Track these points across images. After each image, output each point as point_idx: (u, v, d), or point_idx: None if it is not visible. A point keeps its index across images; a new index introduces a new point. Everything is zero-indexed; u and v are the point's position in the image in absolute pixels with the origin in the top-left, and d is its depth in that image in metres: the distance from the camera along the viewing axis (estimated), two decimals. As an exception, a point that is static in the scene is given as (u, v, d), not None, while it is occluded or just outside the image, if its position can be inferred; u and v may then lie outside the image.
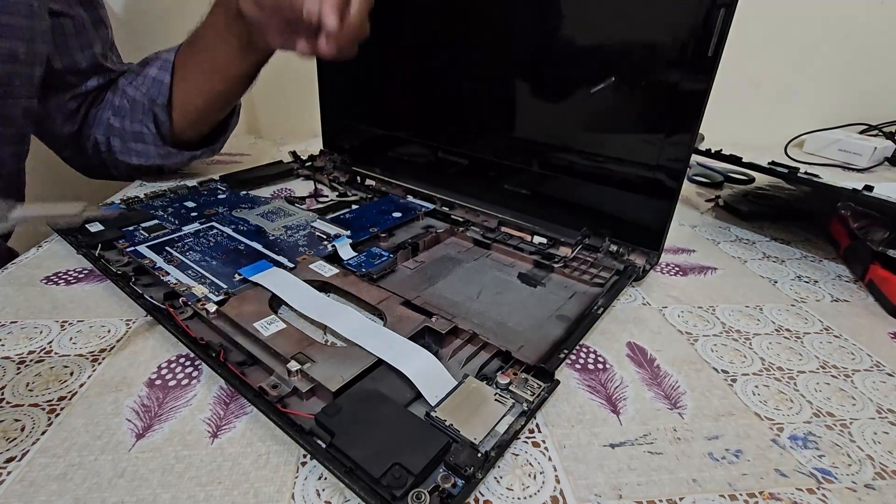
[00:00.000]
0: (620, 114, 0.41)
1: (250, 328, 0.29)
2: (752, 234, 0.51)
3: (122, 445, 0.23)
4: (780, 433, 0.26)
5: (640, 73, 0.38)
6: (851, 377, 0.30)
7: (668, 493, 0.22)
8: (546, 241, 0.43)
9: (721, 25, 0.33)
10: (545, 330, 0.32)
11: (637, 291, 0.38)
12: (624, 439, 0.25)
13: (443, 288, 0.36)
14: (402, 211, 0.48)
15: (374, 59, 0.55)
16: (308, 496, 0.21)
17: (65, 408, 0.25)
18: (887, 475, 0.23)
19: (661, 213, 0.39)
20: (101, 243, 0.38)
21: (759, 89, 0.91)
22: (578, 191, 0.44)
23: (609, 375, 0.29)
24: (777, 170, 0.49)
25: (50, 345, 0.30)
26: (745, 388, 0.29)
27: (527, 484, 0.22)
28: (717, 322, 0.35)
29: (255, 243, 0.40)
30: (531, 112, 0.46)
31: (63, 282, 0.36)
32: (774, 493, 0.22)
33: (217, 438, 0.24)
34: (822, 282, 0.42)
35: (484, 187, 0.49)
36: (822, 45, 0.89)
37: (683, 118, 0.36)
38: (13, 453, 0.22)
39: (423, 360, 0.27)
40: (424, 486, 0.20)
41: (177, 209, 0.46)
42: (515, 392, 0.26)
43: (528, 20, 0.42)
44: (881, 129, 0.85)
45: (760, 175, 0.62)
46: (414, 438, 0.22)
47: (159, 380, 0.27)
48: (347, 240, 0.40)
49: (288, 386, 0.25)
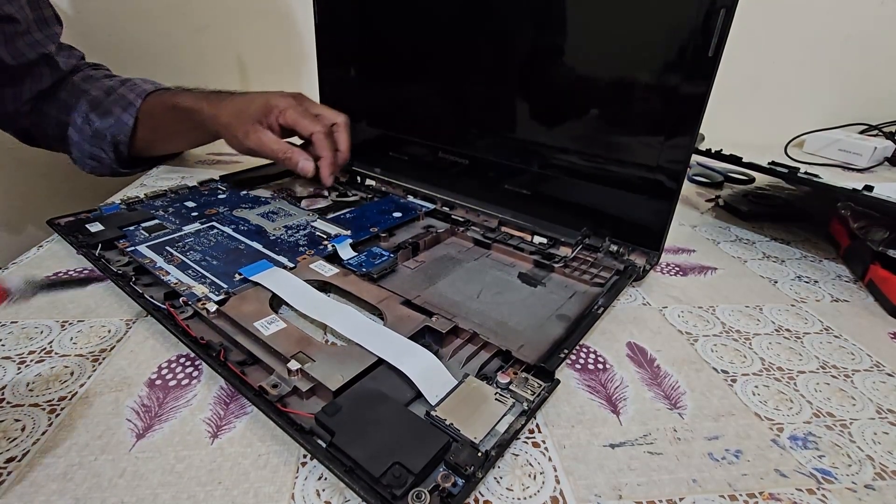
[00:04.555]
0: (621, 114, 0.41)
1: (251, 328, 0.29)
2: (752, 234, 0.51)
3: (122, 445, 0.23)
4: (780, 433, 0.26)
5: (640, 73, 0.38)
6: (851, 377, 0.30)
7: (668, 493, 0.22)
8: (546, 241, 0.43)
9: (721, 26, 0.33)
10: (545, 330, 0.32)
11: (637, 291, 0.38)
12: (624, 439, 0.25)
13: (443, 287, 0.36)
14: (403, 211, 0.48)
15: (375, 60, 0.55)
16: (308, 496, 0.21)
17: (65, 408, 0.25)
18: (887, 475, 0.23)
19: (662, 213, 0.39)
20: (102, 243, 0.38)
21: (759, 89, 0.91)
22: (578, 191, 0.44)
23: (609, 375, 0.29)
24: (777, 170, 0.49)
25: (50, 345, 0.30)
26: (745, 388, 0.29)
27: (527, 484, 0.22)
28: (717, 322, 0.35)
29: (256, 243, 0.40)
30: (531, 112, 0.46)
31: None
32: (774, 493, 0.22)
33: (217, 438, 0.24)
34: (822, 282, 0.42)
35: (484, 187, 0.49)
36: (822, 45, 0.89)
37: (684, 118, 0.36)
38: (13, 453, 0.22)
39: (424, 359, 0.27)
40: (424, 486, 0.20)
41: (177, 209, 0.46)
42: (516, 391, 0.26)
43: (529, 20, 0.43)
44: (881, 129, 0.85)
45: (760, 175, 0.62)
46: (414, 438, 0.22)
47: (159, 380, 0.27)
48: (348, 239, 0.40)
49: (288, 385, 0.25)
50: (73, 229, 0.40)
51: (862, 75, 0.92)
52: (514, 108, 0.47)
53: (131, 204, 0.46)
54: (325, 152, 0.49)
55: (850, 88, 0.93)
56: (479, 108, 0.49)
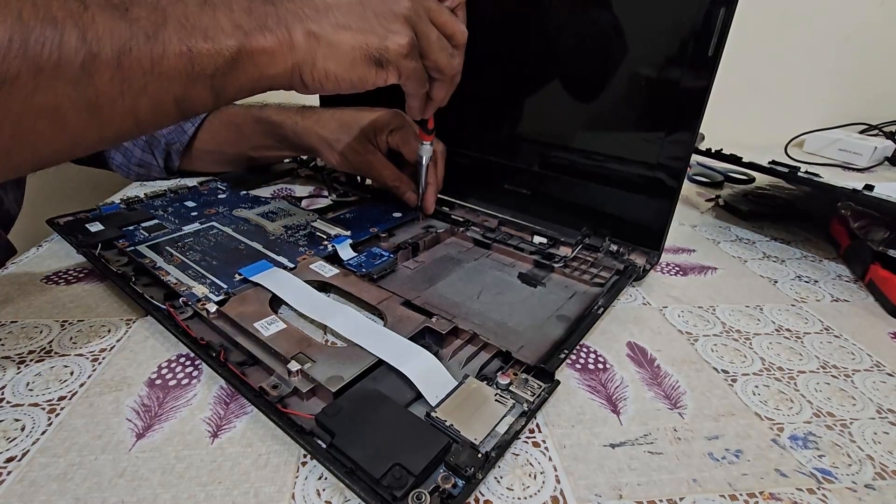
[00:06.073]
0: (621, 113, 0.41)
1: (251, 328, 0.29)
2: (752, 234, 0.51)
3: (122, 445, 0.23)
4: (781, 433, 0.26)
5: (640, 72, 0.38)
6: (851, 377, 0.30)
7: (668, 493, 0.22)
8: (546, 241, 0.43)
9: (721, 25, 0.33)
10: (545, 330, 0.32)
11: (637, 291, 0.38)
12: (624, 439, 0.25)
13: (443, 288, 0.36)
14: (403, 211, 0.48)
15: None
16: (308, 496, 0.21)
17: (65, 407, 0.25)
18: (887, 475, 0.23)
19: (662, 213, 0.39)
20: (102, 243, 0.38)
21: (759, 89, 0.91)
22: (578, 190, 0.44)
23: (609, 375, 0.29)
24: (777, 169, 0.49)
25: (50, 344, 0.30)
26: (745, 388, 0.29)
27: (527, 484, 0.22)
28: (718, 322, 0.35)
29: (256, 243, 0.40)
30: (531, 112, 0.46)
31: (63, 281, 0.36)
32: (774, 493, 0.22)
33: (217, 438, 0.24)
34: (822, 282, 0.42)
35: (484, 187, 0.49)
36: (822, 45, 0.89)
37: (684, 118, 0.36)
38: (13, 453, 0.22)
39: (424, 360, 0.27)
40: (425, 487, 0.20)
41: (177, 209, 0.46)
42: (516, 392, 0.26)
43: (528, 19, 0.42)
44: (881, 129, 0.85)
45: (760, 175, 0.62)
46: (414, 439, 0.22)
47: (159, 379, 0.27)
48: (348, 240, 0.40)
49: (288, 386, 0.25)
50: (72, 229, 0.40)
51: (862, 75, 0.92)
52: (514, 108, 0.47)
53: (131, 204, 0.46)
54: (431, 180, 0.47)
55: (850, 88, 0.93)
56: (479, 108, 0.49)
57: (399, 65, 0.30)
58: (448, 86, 0.36)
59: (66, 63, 0.22)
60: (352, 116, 0.49)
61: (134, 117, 0.25)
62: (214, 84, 0.26)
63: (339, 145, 0.49)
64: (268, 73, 0.28)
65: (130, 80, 0.24)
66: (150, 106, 0.25)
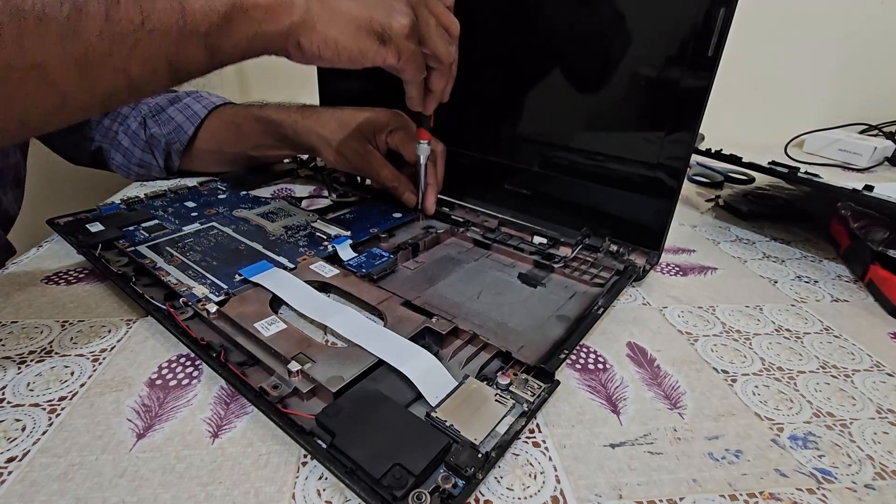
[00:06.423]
0: (621, 113, 0.41)
1: (251, 328, 0.29)
2: (752, 234, 0.51)
3: (122, 445, 0.23)
4: (780, 433, 0.26)
5: (640, 72, 0.38)
6: (851, 377, 0.30)
7: (668, 493, 0.22)
8: (546, 241, 0.43)
9: (721, 25, 0.33)
10: (545, 330, 0.32)
11: (637, 291, 0.38)
12: (624, 439, 0.25)
13: (443, 288, 0.36)
14: (403, 211, 0.48)
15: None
16: (309, 496, 0.21)
17: (65, 408, 0.25)
18: (887, 475, 0.23)
19: (662, 213, 0.39)
20: (102, 243, 0.38)
21: (759, 89, 0.91)
22: (578, 191, 0.44)
23: (609, 375, 0.29)
24: (777, 170, 0.49)
25: (50, 344, 0.30)
26: (745, 388, 0.29)
27: (527, 484, 0.22)
28: (717, 322, 0.35)
29: (256, 243, 0.40)
30: (531, 112, 0.46)
31: (63, 282, 0.36)
32: (774, 493, 0.22)
33: (218, 438, 0.24)
34: (822, 282, 0.42)
35: (484, 187, 0.49)
36: (822, 45, 0.89)
37: (684, 118, 0.36)
38: (14, 453, 0.22)
39: (424, 360, 0.27)
40: (425, 487, 0.20)
41: (177, 209, 0.46)
42: (516, 392, 0.26)
43: (528, 19, 0.42)
44: (881, 129, 0.85)
45: (760, 175, 0.62)
46: (414, 439, 0.22)
47: (160, 380, 0.27)
48: (348, 240, 0.40)
49: (288, 386, 0.25)
50: (73, 229, 0.40)
51: (862, 75, 0.92)
52: (514, 107, 0.47)
53: (131, 204, 0.46)
54: (431, 181, 0.47)
55: (850, 88, 0.93)
56: (479, 108, 0.49)
57: (400, 45, 0.30)
58: (446, 76, 0.36)
59: (50, 15, 0.22)
60: (352, 116, 0.49)
61: (125, 77, 0.25)
62: (209, 43, 0.26)
63: (339, 145, 0.49)
64: (264, 31, 0.27)
65: (121, 36, 0.23)
66: (141, 65, 0.25)
